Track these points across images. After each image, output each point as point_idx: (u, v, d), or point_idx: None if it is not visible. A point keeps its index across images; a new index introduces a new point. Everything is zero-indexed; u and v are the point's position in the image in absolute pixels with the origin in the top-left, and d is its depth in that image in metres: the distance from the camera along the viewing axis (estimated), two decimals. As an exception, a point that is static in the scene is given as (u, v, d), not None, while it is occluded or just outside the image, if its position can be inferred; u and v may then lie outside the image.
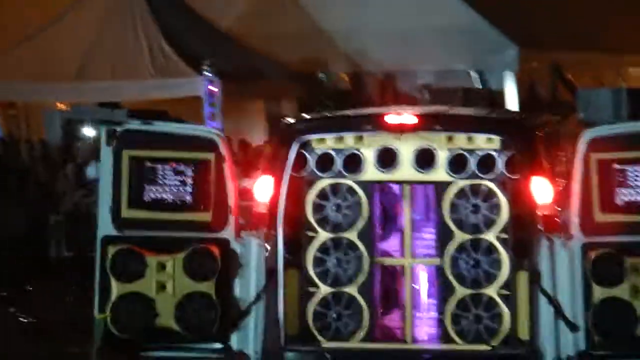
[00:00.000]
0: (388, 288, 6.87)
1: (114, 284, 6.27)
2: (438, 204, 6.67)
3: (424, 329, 6.81)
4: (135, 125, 7.09)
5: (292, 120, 7.48)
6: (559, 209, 6.65)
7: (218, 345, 6.38)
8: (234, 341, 6.36)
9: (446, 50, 19.18)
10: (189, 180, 6.65)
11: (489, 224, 6.43)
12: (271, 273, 6.40)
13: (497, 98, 18.70)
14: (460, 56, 19.32)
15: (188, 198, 6.57)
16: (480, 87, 19.25)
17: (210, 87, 16.87)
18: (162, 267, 6.32)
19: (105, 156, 6.49)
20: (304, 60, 19.58)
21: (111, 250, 6.29)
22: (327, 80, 19.75)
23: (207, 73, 16.68)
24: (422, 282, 6.85)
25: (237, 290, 6.44)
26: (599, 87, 19.39)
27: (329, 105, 16.78)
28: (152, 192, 6.53)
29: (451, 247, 6.48)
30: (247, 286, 6.40)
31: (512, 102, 18.43)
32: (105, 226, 6.37)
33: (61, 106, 19.24)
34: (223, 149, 6.55)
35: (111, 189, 6.42)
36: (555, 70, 19.56)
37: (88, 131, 17.45)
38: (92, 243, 15.52)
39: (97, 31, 18.37)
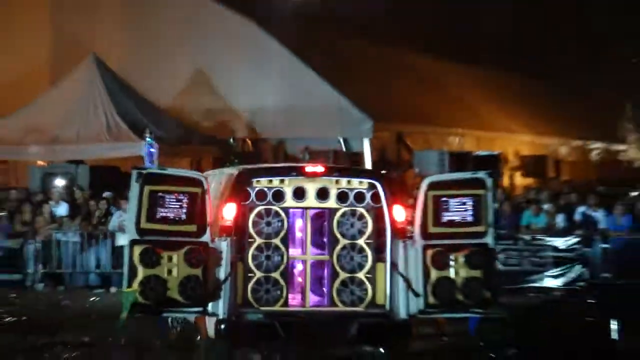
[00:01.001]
0: (297, 274, 8.47)
1: (140, 269, 7.54)
2: (330, 221, 8.24)
3: (319, 298, 8.43)
4: (154, 169, 8.99)
5: (241, 169, 8.84)
6: (408, 225, 8.26)
7: (200, 309, 7.80)
8: (210, 307, 7.78)
9: (320, 122, 22.33)
10: (184, 205, 7.86)
11: (361, 234, 8.15)
12: (232, 264, 7.77)
13: (357, 158, 21.79)
14: (330, 127, 22.52)
15: (183, 216, 7.84)
16: (345, 149, 22.26)
17: (150, 149, 17.01)
18: (170, 259, 7.67)
19: (134, 189, 7.76)
20: (217, 129, 22.67)
21: (137, 248, 7.58)
22: (235, 144, 22.29)
23: (147, 139, 17.06)
24: (318, 270, 8.46)
25: (214, 275, 7.76)
26: (429, 149, 22.91)
27: (236, 162, 17.80)
28: (161, 212, 7.79)
29: (337, 248, 8.16)
30: (219, 272, 7.75)
31: (367, 160, 21.56)
32: (131, 233, 7.67)
33: (41, 163, 20.83)
34: (206, 186, 7.87)
35: (136, 210, 7.67)
36: (399, 138, 23.42)
37: (59, 182, 18.70)
38: (62, 263, 16.32)
39: (67, 108, 20.27)
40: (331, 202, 8.37)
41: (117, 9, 24.56)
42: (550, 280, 15.76)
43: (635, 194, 19.48)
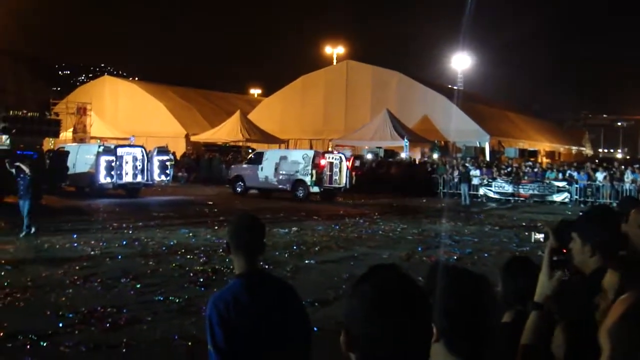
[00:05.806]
0: (328, 176, 29.96)
1: (314, 174, 28.32)
2: (332, 164, 30.00)
3: (330, 182, 30.08)
4: (317, 152, 31.02)
5: (324, 151, 31.85)
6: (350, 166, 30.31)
7: (319, 186, 29.03)
8: (320, 184, 28.94)
9: (469, 135, 42.87)
10: (317, 160, 29.19)
11: (337, 167, 30.29)
12: (324, 175, 29.32)
13: (483, 150, 42.89)
14: (474, 137, 43.15)
15: (318, 162, 29.23)
16: (479, 145, 42.91)
17: (405, 143, 38.55)
18: (316, 172, 28.80)
19: (311, 155, 29.36)
20: (430, 136, 42.64)
21: (314, 171, 28.53)
22: (437, 142, 41.62)
23: (405, 139, 38.29)
24: (331, 176, 30.06)
25: (323, 177, 29.25)
26: (510, 147, 43.41)
27: (438, 150, 40.77)
28: (315, 162, 29.03)
29: (334, 170, 30.18)
30: (323, 176, 29.32)
31: (487, 151, 43.16)
32: (311, 170, 28.75)
33: (366, 147, 39.77)
34: (321, 155, 29.84)
35: (312, 163, 28.60)
36: (499, 142, 45.89)
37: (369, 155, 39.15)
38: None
39: (375, 128, 40.20)
40: (334, 159, 30.22)
41: (397, 92, 45.84)
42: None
43: (588, 165, 38.25)
